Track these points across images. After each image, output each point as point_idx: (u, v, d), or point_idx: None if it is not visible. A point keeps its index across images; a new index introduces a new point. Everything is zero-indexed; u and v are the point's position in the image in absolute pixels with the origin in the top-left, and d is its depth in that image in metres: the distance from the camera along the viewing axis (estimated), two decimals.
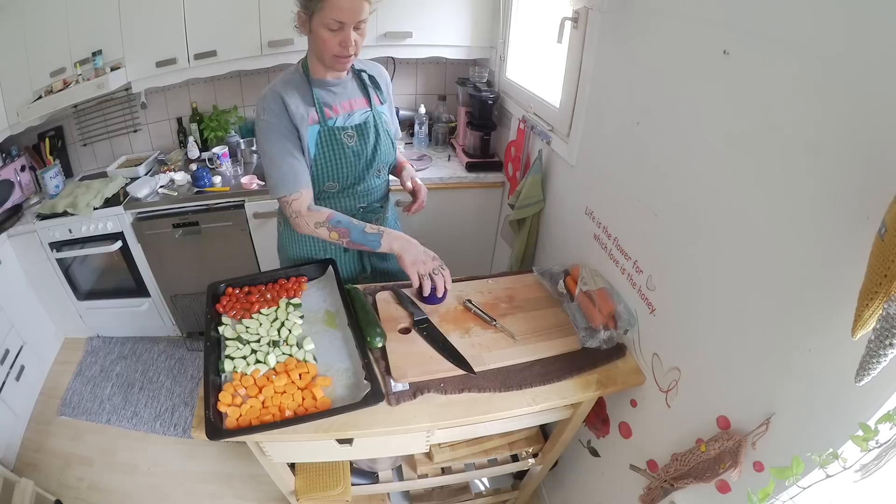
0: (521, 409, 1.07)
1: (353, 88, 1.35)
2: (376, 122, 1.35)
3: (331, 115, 1.29)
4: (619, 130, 1.26)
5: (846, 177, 0.68)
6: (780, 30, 0.76)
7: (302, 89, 1.26)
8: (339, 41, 1.15)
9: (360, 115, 1.33)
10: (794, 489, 0.73)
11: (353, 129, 1.31)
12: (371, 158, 1.35)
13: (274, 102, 1.22)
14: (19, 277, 2.26)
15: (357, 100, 1.34)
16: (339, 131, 1.29)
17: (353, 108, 1.33)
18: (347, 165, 1.32)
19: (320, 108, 1.26)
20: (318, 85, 1.28)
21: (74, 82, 2.02)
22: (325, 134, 1.27)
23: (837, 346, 0.70)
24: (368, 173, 1.38)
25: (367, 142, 1.33)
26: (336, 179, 1.34)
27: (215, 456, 2.07)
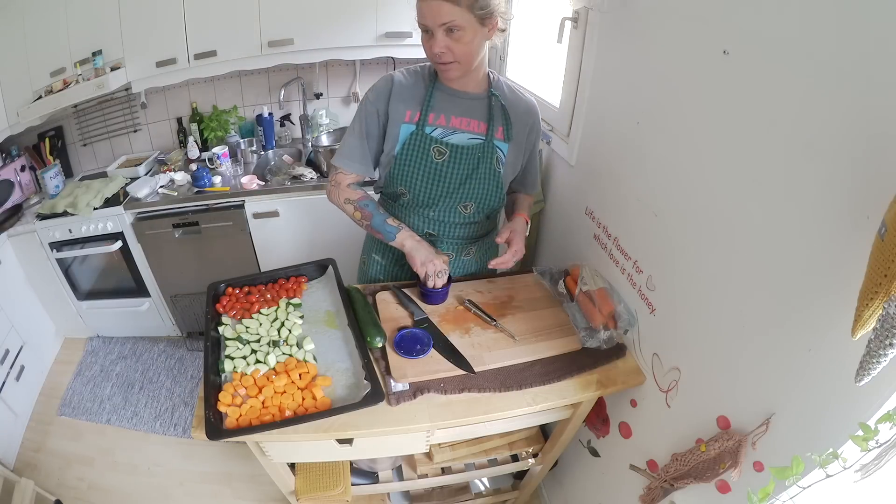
0: (521, 409, 1.07)
1: (479, 109, 1.24)
2: (483, 153, 1.23)
3: (433, 121, 1.22)
4: (619, 130, 1.26)
5: (846, 176, 0.68)
6: (780, 30, 0.76)
7: (422, 85, 1.23)
8: (430, 45, 1.10)
9: (465, 137, 1.23)
10: (794, 489, 0.73)
11: (446, 147, 1.21)
12: (457, 186, 1.24)
13: (383, 86, 1.22)
14: (19, 277, 2.26)
15: (475, 122, 1.24)
16: (431, 142, 1.21)
17: (465, 128, 1.23)
18: (424, 179, 1.24)
19: (426, 110, 1.21)
20: (442, 89, 1.22)
21: (74, 82, 2.02)
22: (416, 137, 1.21)
23: (837, 346, 0.70)
24: (448, 200, 1.27)
25: (458, 167, 1.23)
26: (408, 188, 1.26)
27: (215, 456, 2.07)
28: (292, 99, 2.64)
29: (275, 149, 2.63)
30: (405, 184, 1.26)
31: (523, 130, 1.29)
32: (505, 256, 1.26)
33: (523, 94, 1.31)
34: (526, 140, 1.31)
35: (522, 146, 1.31)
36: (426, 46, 1.12)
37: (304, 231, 2.37)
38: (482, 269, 1.49)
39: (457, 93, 1.22)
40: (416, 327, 1.22)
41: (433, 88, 1.22)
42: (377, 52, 2.24)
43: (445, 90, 1.22)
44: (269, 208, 2.26)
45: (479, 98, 1.24)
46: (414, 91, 1.22)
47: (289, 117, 2.69)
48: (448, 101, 1.22)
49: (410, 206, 1.32)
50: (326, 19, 2.13)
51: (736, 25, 0.84)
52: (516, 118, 1.27)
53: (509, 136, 1.26)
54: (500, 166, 1.27)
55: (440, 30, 1.06)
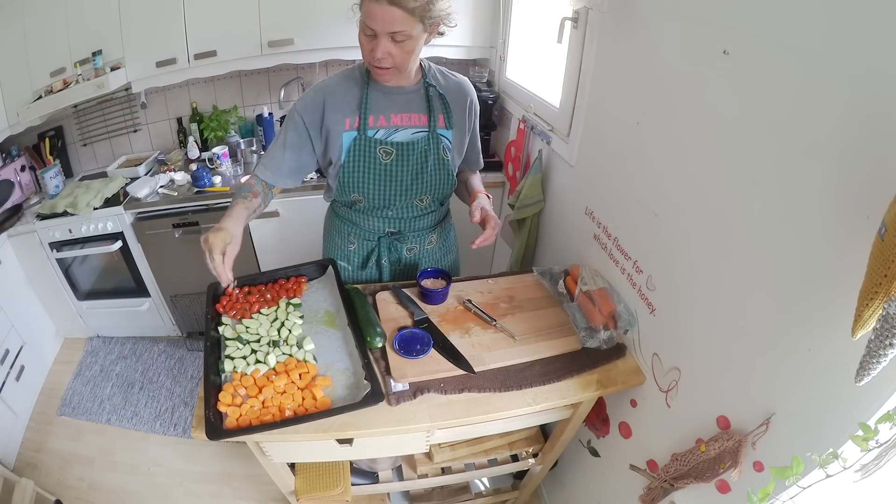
0: (521, 409, 1.07)
1: (417, 102, 1.23)
2: (429, 146, 1.23)
3: (374, 124, 1.20)
4: (619, 130, 1.26)
5: (846, 177, 0.68)
6: (780, 30, 0.76)
7: (355, 88, 1.20)
8: (370, 49, 1.07)
9: (409, 133, 1.22)
10: (794, 489, 0.73)
11: (392, 146, 1.21)
12: (410, 183, 1.25)
13: (314, 98, 1.20)
14: (19, 277, 2.26)
15: (416, 115, 1.23)
16: (376, 144, 1.20)
17: (407, 124, 1.22)
18: (376, 182, 1.24)
19: (365, 114, 1.19)
20: (376, 88, 1.19)
21: (74, 82, 2.02)
22: (360, 143, 1.20)
23: (837, 346, 0.70)
24: (404, 198, 1.28)
25: (407, 164, 1.23)
26: (362, 194, 1.26)
27: (215, 456, 2.07)
28: (292, 99, 2.63)
29: None
30: (358, 190, 1.26)
31: (462, 112, 1.29)
32: (486, 233, 1.24)
33: (455, 76, 1.30)
34: (466, 120, 1.30)
35: (464, 128, 1.31)
36: (365, 47, 1.09)
37: (304, 231, 2.37)
38: (448, 254, 1.52)
39: (392, 90, 1.20)
40: (416, 327, 1.22)
41: (368, 90, 1.19)
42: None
43: (381, 88, 1.20)
44: (269, 208, 2.25)
45: (414, 91, 1.23)
46: (348, 97, 1.20)
47: None
48: (385, 99, 1.20)
49: (367, 210, 1.32)
50: (326, 19, 2.12)
51: (736, 25, 0.84)
52: (453, 102, 1.26)
53: (451, 123, 1.26)
54: (448, 154, 1.27)
55: (386, 35, 1.04)
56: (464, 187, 1.44)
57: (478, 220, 1.26)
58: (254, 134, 2.63)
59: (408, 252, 1.42)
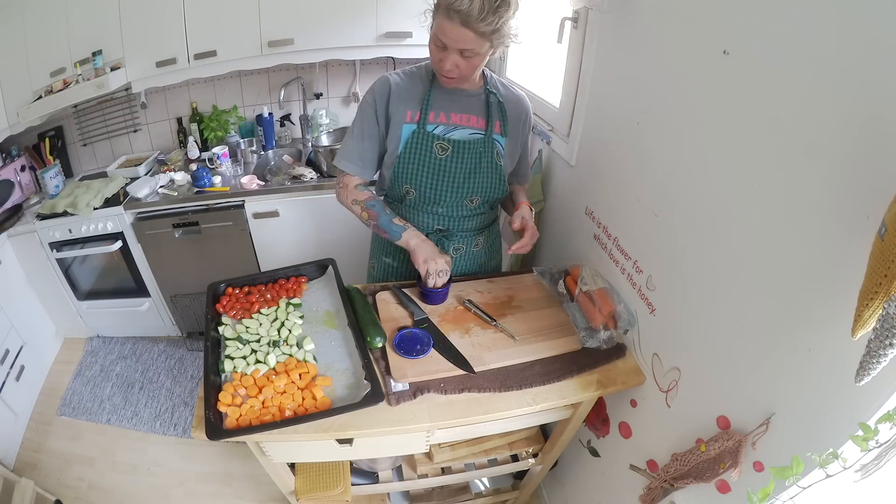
0: (521, 409, 1.07)
1: (476, 105, 1.28)
2: (484, 148, 1.27)
3: (434, 119, 1.25)
4: (619, 130, 1.26)
5: (846, 176, 0.68)
6: (780, 30, 0.76)
7: (419, 85, 1.25)
8: (439, 59, 1.12)
9: (466, 133, 1.27)
10: (794, 489, 0.73)
11: (449, 143, 1.25)
12: (462, 181, 1.28)
13: (381, 87, 1.25)
14: (19, 277, 2.26)
15: (474, 118, 1.27)
16: (433, 139, 1.24)
17: (465, 124, 1.27)
18: (429, 176, 1.27)
19: (426, 109, 1.23)
20: (440, 87, 1.24)
21: (74, 82, 2.02)
22: (418, 135, 1.24)
23: (837, 346, 0.70)
24: (455, 195, 1.30)
25: (462, 161, 1.26)
26: (414, 186, 1.29)
27: (215, 456, 2.07)
28: (292, 99, 2.64)
29: (275, 149, 2.63)
30: (411, 182, 1.28)
31: (517, 124, 1.34)
32: (524, 240, 1.29)
33: (515, 90, 1.35)
34: (520, 132, 1.36)
35: (518, 139, 1.36)
36: (435, 56, 1.14)
37: (304, 231, 2.37)
38: (492, 259, 1.54)
39: (455, 91, 1.24)
40: (416, 327, 1.22)
41: (431, 87, 1.24)
42: (377, 52, 2.24)
43: (444, 89, 1.24)
44: (269, 208, 2.26)
45: (476, 95, 1.28)
46: (412, 91, 1.25)
47: (289, 117, 2.69)
48: (447, 98, 1.25)
49: (418, 204, 1.34)
50: (326, 19, 2.13)
51: (736, 25, 0.84)
52: (511, 113, 1.31)
53: (506, 131, 1.31)
54: (501, 159, 1.31)
55: (455, 51, 1.09)
56: (509, 198, 1.47)
57: (518, 227, 1.32)
58: (254, 134, 2.63)
59: (454, 251, 1.41)
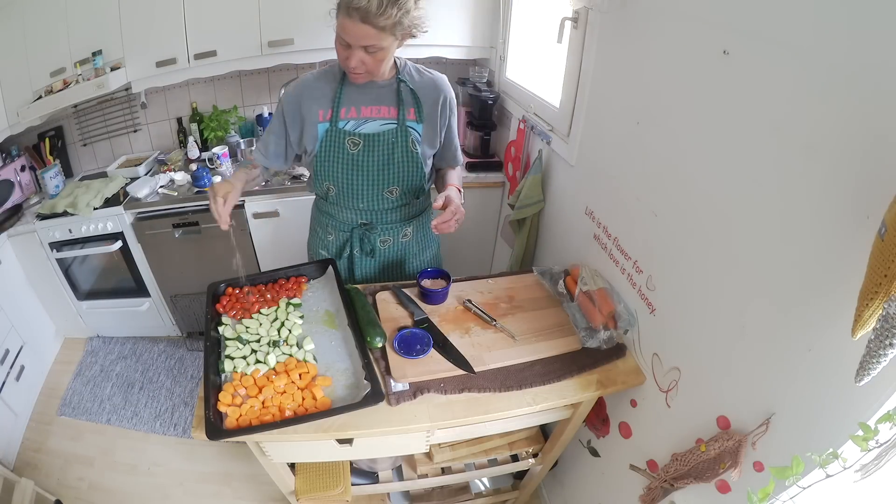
0: (521, 409, 1.07)
1: (388, 95, 1.28)
2: (396, 138, 1.27)
3: (345, 115, 1.26)
4: (619, 130, 1.26)
5: (846, 176, 0.68)
6: (780, 30, 0.76)
7: (331, 84, 1.27)
8: (345, 57, 1.14)
9: (376, 125, 1.27)
10: (794, 489, 0.73)
11: (359, 137, 1.26)
12: (377, 174, 1.30)
13: (294, 90, 1.29)
14: (19, 277, 2.26)
15: (385, 108, 1.28)
16: (345, 135, 1.26)
17: (376, 115, 1.27)
18: (345, 172, 1.30)
19: (337, 106, 1.26)
20: (351, 83, 1.25)
21: (74, 82, 2.02)
22: (331, 133, 1.27)
23: (837, 346, 0.70)
24: (373, 189, 1.32)
25: (374, 154, 1.27)
26: (333, 182, 1.33)
27: (215, 456, 2.07)
28: None
29: None
30: (330, 179, 1.33)
31: (434, 107, 1.32)
32: (444, 215, 1.24)
33: (430, 72, 1.34)
34: (439, 116, 1.33)
35: (436, 122, 1.33)
36: (341, 55, 1.15)
37: (304, 231, 2.35)
38: (426, 249, 1.55)
39: (365, 84, 1.25)
40: (416, 327, 1.22)
41: (343, 85, 1.26)
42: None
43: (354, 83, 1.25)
44: (269, 208, 2.25)
45: (387, 85, 1.28)
46: (324, 90, 1.27)
47: None
48: (357, 92, 1.26)
49: (339, 200, 1.37)
50: (326, 19, 2.12)
51: (736, 25, 0.84)
52: (425, 97, 1.30)
53: (421, 117, 1.30)
54: (417, 146, 1.31)
55: (359, 47, 1.11)
56: (441, 182, 1.47)
57: (439, 205, 1.28)
58: (254, 134, 2.63)
59: (382, 244, 1.44)
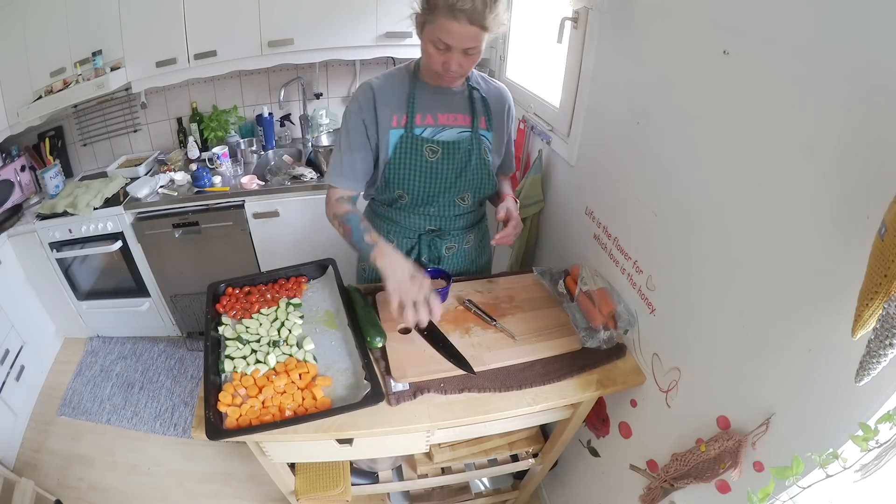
0: (521, 409, 1.07)
1: (461, 103, 1.27)
2: (472, 146, 1.27)
3: (421, 122, 1.23)
4: (619, 130, 1.26)
5: (846, 177, 0.68)
6: (781, 30, 0.76)
7: (402, 88, 1.23)
8: (443, 61, 1.10)
9: (454, 133, 1.26)
10: (795, 489, 0.73)
11: (438, 145, 1.24)
12: (453, 181, 1.28)
13: (364, 95, 1.22)
14: (19, 277, 2.26)
15: (460, 116, 1.27)
16: (423, 142, 1.23)
17: (453, 123, 1.26)
18: (421, 180, 1.27)
19: (412, 112, 1.22)
20: (423, 87, 1.23)
21: (74, 82, 2.02)
22: (406, 140, 1.22)
23: (837, 346, 0.70)
24: (446, 196, 1.31)
25: (452, 161, 1.26)
26: (406, 190, 1.28)
27: (215, 456, 2.07)
28: (292, 99, 2.63)
29: (275, 149, 2.63)
30: (402, 187, 1.28)
31: (501, 116, 1.34)
32: (507, 230, 1.26)
33: (494, 82, 1.35)
34: (504, 124, 1.35)
35: (503, 131, 1.35)
36: (436, 59, 1.10)
37: (304, 231, 2.37)
38: (482, 254, 1.54)
39: (439, 90, 1.23)
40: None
41: (415, 89, 1.22)
42: (377, 52, 2.24)
43: (427, 88, 1.23)
44: (269, 208, 2.26)
45: (459, 92, 1.27)
46: (395, 95, 1.22)
47: (289, 117, 2.69)
48: (431, 99, 1.24)
49: (410, 207, 1.34)
50: (326, 19, 2.13)
51: (736, 25, 0.84)
52: (494, 106, 1.31)
53: (491, 126, 1.31)
54: (489, 154, 1.32)
55: (460, 50, 1.07)
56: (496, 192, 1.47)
57: (502, 217, 1.30)
58: (254, 134, 2.63)
59: (447, 251, 1.42)
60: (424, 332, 1.20)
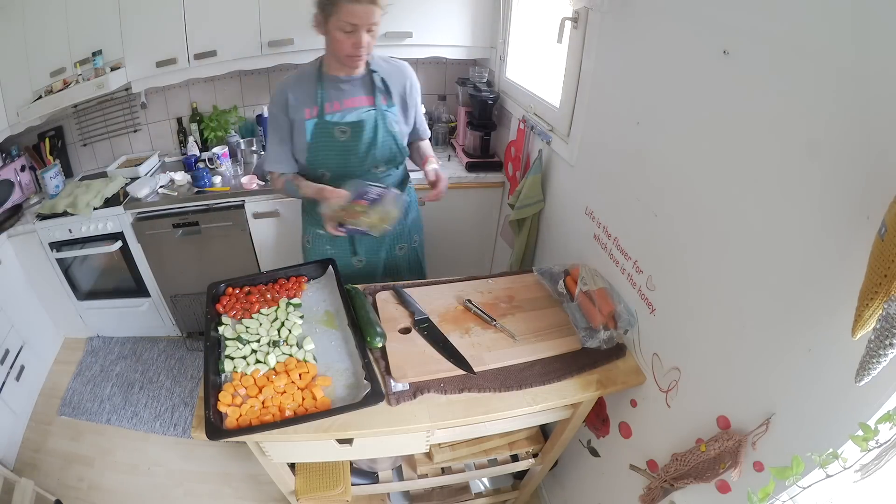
0: (521, 409, 1.07)
1: (362, 87, 1.44)
2: (377, 122, 1.44)
3: (330, 110, 1.41)
4: (619, 130, 1.26)
5: (846, 177, 0.68)
6: (781, 30, 0.76)
7: (310, 84, 1.41)
8: (353, 42, 1.27)
9: (359, 113, 1.43)
10: (795, 489, 0.74)
11: (346, 125, 1.42)
12: (364, 154, 1.45)
13: (279, 96, 1.42)
14: (19, 277, 2.26)
15: (362, 98, 1.44)
16: (333, 126, 1.41)
17: (356, 106, 1.43)
18: (336, 157, 1.45)
19: (321, 103, 1.40)
20: (328, 81, 1.41)
21: (74, 82, 2.02)
22: (320, 126, 1.41)
23: (837, 346, 0.70)
24: (361, 168, 1.47)
25: (360, 138, 1.43)
26: (326, 168, 1.46)
27: (215, 456, 2.07)
28: None
29: None
30: (322, 166, 1.46)
31: (402, 90, 1.49)
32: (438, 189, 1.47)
33: (396, 62, 1.51)
34: (408, 97, 1.51)
35: (407, 104, 1.51)
36: (345, 44, 1.27)
37: None
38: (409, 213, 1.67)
39: (342, 79, 1.41)
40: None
41: (321, 86, 1.40)
42: (377, 52, 2.24)
43: (332, 80, 1.41)
44: (269, 208, 2.25)
45: (360, 79, 1.43)
46: (306, 91, 1.40)
47: None
48: (336, 90, 1.42)
49: (333, 181, 1.46)
50: None
51: (736, 25, 0.84)
52: (393, 84, 1.47)
53: (392, 101, 1.47)
54: (395, 125, 1.48)
55: (364, 28, 1.25)
56: (416, 153, 1.63)
57: (432, 179, 1.49)
58: (254, 134, 2.63)
59: None
60: (424, 332, 1.21)
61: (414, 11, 2.15)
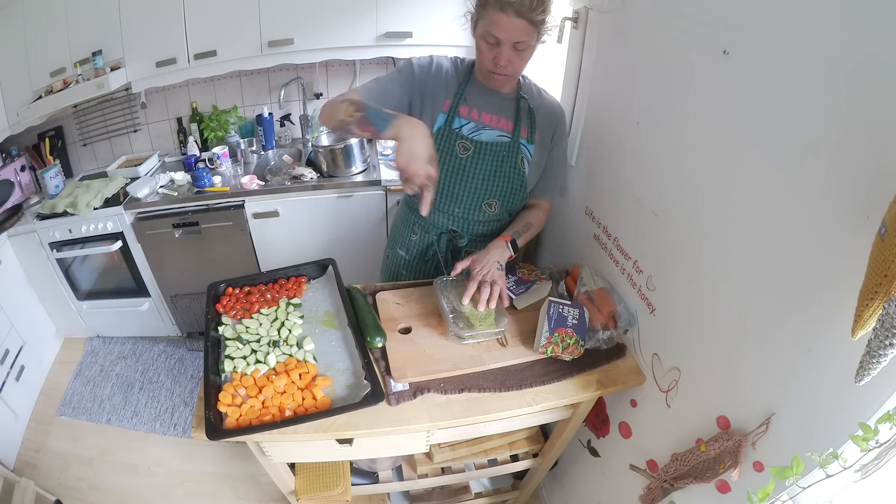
0: (521, 409, 1.07)
1: (508, 108, 1.26)
2: (508, 152, 1.26)
3: (465, 114, 1.23)
4: (619, 130, 1.26)
5: (846, 177, 0.68)
6: (781, 30, 0.76)
7: (458, 77, 1.24)
8: (493, 56, 1.12)
9: (493, 135, 1.25)
10: (795, 489, 0.74)
11: (471, 143, 1.24)
12: (481, 183, 1.26)
13: (428, 62, 1.23)
14: (19, 277, 2.26)
15: (504, 120, 1.26)
16: (456, 138, 1.23)
17: (494, 125, 1.25)
18: (448, 174, 1.25)
19: (457, 101, 1.22)
20: (475, 84, 1.24)
21: (74, 82, 2.02)
22: (443, 133, 1.23)
23: (837, 346, 0.70)
24: (472, 198, 1.29)
25: (483, 163, 1.25)
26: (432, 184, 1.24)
27: (215, 456, 2.07)
28: (292, 99, 2.63)
29: (275, 149, 2.62)
30: None
31: (548, 133, 1.32)
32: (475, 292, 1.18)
33: (550, 97, 1.34)
34: (550, 142, 1.34)
35: (545, 148, 1.33)
36: (487, 55, 1.13)
37: (304, 231, 2.37)
38: None
39: (489, 90, 1.24)
40: None
41: (468, 82, 1.24)
42: (377, 52, 2.24)
43: (479, 86, 1.24)
44: (269, 208, 2.26)
45: (509, 98, 1.27)
46: (452, 78, 1.24)
47: (289, 117, 2.69)
48: (480, 96, 1.24)
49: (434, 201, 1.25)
50: (326, 19, 2.13)
51: (736, 25, 0.84)
52: (542, 120, 1.30)
53: (533, 139, 1.29)
54: (526, 165, 1.29)
55: (509, 44, 1.09)
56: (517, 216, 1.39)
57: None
58: (254, 134, 2.63)
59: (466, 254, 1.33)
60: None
61: (414, 11, 2.15)
